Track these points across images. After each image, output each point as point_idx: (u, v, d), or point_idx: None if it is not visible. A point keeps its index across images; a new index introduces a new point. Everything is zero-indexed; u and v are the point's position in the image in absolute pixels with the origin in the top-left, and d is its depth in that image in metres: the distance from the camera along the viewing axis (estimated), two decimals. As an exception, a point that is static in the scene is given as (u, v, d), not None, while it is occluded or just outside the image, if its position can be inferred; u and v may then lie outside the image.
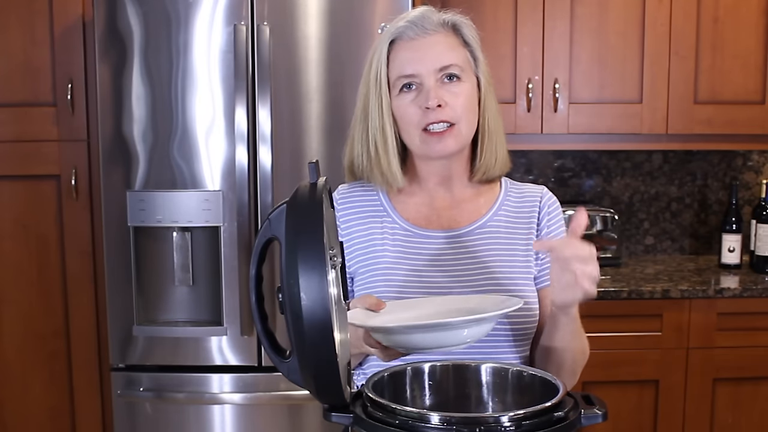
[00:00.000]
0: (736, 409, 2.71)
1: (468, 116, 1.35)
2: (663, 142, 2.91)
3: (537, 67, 2.82)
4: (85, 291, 2.66)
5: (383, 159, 1.38)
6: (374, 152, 1.38)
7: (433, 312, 1.23)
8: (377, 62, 1.36)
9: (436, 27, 1.35)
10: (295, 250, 0.91)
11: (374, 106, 1.37)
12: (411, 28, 1.35)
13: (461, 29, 1.38)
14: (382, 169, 1.38)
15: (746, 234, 3.03)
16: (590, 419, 0.96)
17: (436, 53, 1.33)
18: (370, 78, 1.37)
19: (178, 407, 2.47)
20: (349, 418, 0.97)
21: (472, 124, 1.37)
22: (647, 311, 2.64)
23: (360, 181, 1.46)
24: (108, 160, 2.41)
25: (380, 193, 1.44)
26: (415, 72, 1.33)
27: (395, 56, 1.36)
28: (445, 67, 1.33)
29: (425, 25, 1.35)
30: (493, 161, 1.41)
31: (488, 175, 1.43)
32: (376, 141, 1.38)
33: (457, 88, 1.34)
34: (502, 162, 1.43)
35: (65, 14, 2.56)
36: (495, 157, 1.41)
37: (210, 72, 2.37)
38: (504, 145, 1.43)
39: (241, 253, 2.39)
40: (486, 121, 1.40)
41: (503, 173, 1.46)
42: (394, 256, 1.38)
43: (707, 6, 2.80)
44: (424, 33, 1.34)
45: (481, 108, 1.39)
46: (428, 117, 1.32)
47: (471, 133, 1.38)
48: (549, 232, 1.44)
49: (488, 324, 1.14)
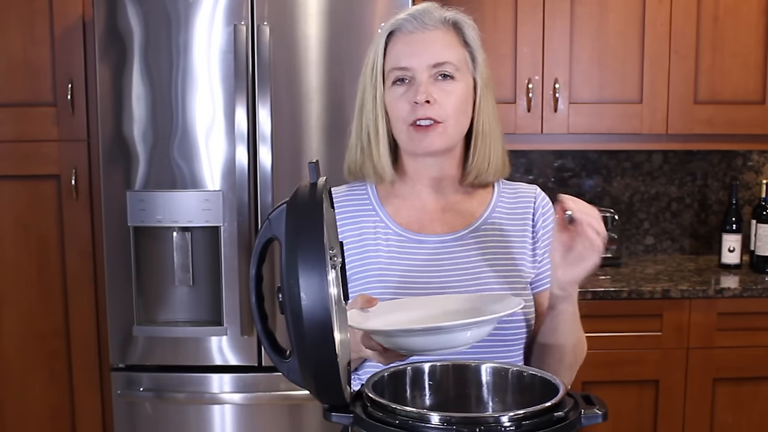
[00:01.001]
0: (736, 409, 2.71)
1: (458, 117, 1.33)
2: (663, 142, 2.91)
3: (537, 67, 2.82)
4: (85, 291, 2.66)
5: (374, 151, 1.37)
6: (366, 144, 1.38)
7: (434, 313, 1.23)
8: (374, 53, 1.36)
9: (436, 23, 1.34)
10: (295, 250, 0.91)
11: (369, 97, 1.36)
12: (410, 22, 1.34)
13: (462, 28, 1.36)
14: (373, 161, 1.37)
15: (746, 234, 3.03)
16: (590, 419, 0.96)
17: (432, 49, 1.32)
18: (367, 69, 1.37)
19: (178, 407, 2.47)
20: (349, 418, 0.97)
21: (462, 126, 1.35)
22: (647, 311, 2.64)
23: (350, 183, 1.45)
24: (108, 160, 2.41)
25: (372, 196, 1.42)
26: (408, 65, 1.32)
27: (392, 48, 1.35)
28: (440, 64, 1.32)
29: (425, 20, 1.34)
30: (485, 165, 1.39)
31: (480, 179, 1.41)
32: (369, 132, 1.37)
33: (450, 87, 1.32)
34: (497, 167, 1.40)
35: (65, 14, 2.56)
36: (488, 161, 1.39)
37: (210, 72, 2.37)
38: (500, 150, 1.41)
39: (241, 253, 2.39)
40: (480, 124, 1.37)
41: (498, 178, 1.44)
42: (388, 261, 1.36)
43: (707, 6, 2.80)
44: (423, 28, 1.33)
45: (476, 110, 1.37)
46: (416, 112, 1.31)
47: (459, 134, 1.36)
48: (545, 234, 1.43)
49: (491, 325, 1.14)
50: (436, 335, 1.09)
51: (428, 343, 1.10)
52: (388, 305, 1.25)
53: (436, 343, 1.10)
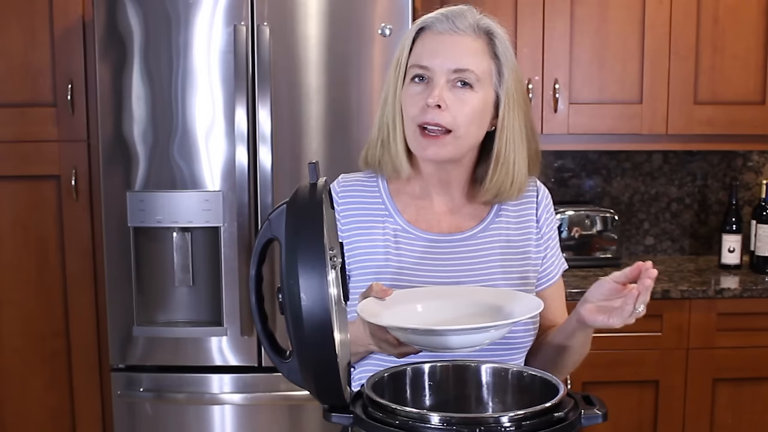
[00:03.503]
0: (736, 409, 2.71)
1: (468, 127, 1.30)
2: (663, 142, 2.91)
3: (537, 68, 2.82)
4: (85, 291, 2.66)
5: (392, 145, 1.35)
6: (386, 137, 1.36)
7: (450, 305, 1.23)
8: (401, 47, 1.34)
9: (468, 28, 1.30)
10: (295, 250, 0.91)
11: (391, 91, 1.34)
12: (442, 21, 1.31)
13: (495, 39, 1.32)
14: (391, 155, 1.35)
15: (746, 234, 3.03)
16: (590, 419, 0.96)
17: (456, 54, 1.29)
18: (394, 62, 1.35)
19: (178, 407, 2.47)
20: (349, 418, 0.97)
21: (472, 138, 1.32)
22: (647, 311, 2.63)
23: (362, 173, 1.44)
24: (108, 160, 2.41)
25: (382, 190, 1.41)
26: (429, 65, 1.29)
27: (419, 45, 1.32)
28: (461, 70, 1.28)
29: (457, 23, 1.30)
30: (508, 184, 1.35)
31: (501, 198, 1.37)
32: (388, 126, 1.35)
33: (466, 96, 1.29)
34: (521, 184, 1.37)
35: (65, 14, 2.56)
36: (512, 179, 1.35)
37: (210, 72, 2.37)
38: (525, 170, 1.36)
39: (241, 253, 2.39)
40: (503, 142, 1.33)
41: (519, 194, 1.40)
42: (396, 255, 1.36)
43: (707, 6, 2.80)
44: (454, 30, 1.30)
45: (500, 126, 1.33)
46: (425, 115, 1.28)
47: (468, 145, 1.33)
48: (548, 227, 1.43)
49: (511, 326, 1.15)
50: (458, 336, 1.09)
51: (454, 342, 1.10)
52: (406, 294, 1.25)
53: (461, 342, 1.10)
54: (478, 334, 1.09)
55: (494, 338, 1.12)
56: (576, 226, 2.94)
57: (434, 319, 1.20)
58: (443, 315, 1.21)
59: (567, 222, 2.93)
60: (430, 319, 1.20)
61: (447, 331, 1.09)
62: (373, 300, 1.20)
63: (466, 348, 1.12)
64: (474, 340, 1.11)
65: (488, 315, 1.19)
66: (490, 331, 1.10)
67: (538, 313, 1.16)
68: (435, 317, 1.21)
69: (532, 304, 1.18)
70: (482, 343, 1.12)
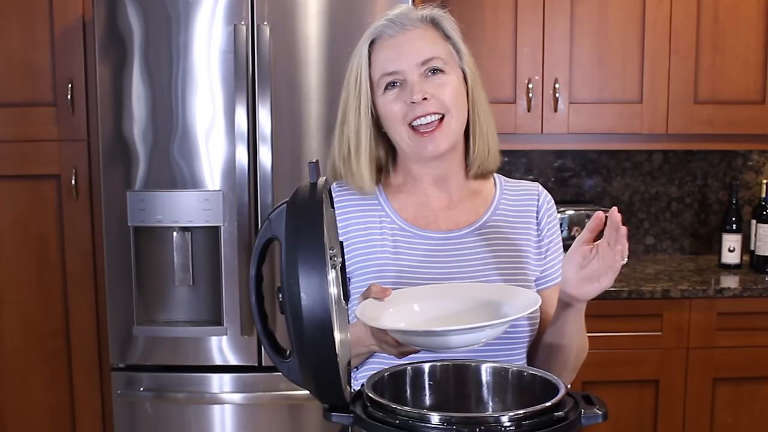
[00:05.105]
0: (736, 409, 2.71)
1: (458, 107, 1.33)
2: (663, 142, 2.91)
3: (537, 67, 2.82)
4: (85, 291, 2.66)
5: (354, 162, 1.36)
6: (347, 154, 1.37)
7: (449, 304, 1.23)
8: (357, 63, 1.36)
9: (415, 22, 1.35)
10: (295, 250, 0.91)
11: (352, 107, 1.36)
12: (390, 27, 1.34)
13: (441, 23, 1.37)
14: (352, 171, 1.37)
15: (746, 234, 3.03)
16: (590, 419, 0.96)
17: (416, 48, 1.32)
18: (351, 80, 1.37)
19: (178, 407, 2.47)
20: (349, 418, 0.97)
21: (462, 116, 1.36)
22: (647, 311, 2.64)
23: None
24: (108, 160, 2.41)
25: (378, 191, 1.42)
26: (397, 69, 1.32)
27: (377, 56, 1.35)
28: (428, 60, 1.32)
29: (404, 22, 1.34)
30: (486, 153, 1.40)
31: (483, 168, 1.42)
32: (350, 143, 1.37)
33: (442, 80, 1.32)
34: (495, 153, 1.42)
35: (65, 14, 2.56)
36: (488, 148, 1.40)
37: (210, 72, 2.37)
38: (496, 138, 1.42)
39: (241, 253, 2.39)
40: (476, 113, 1.38)
41: (497, 167, 1.45)
42: (394, 255, 1.36)
43: (707, 6, 2.80)
44: (404, 29, 1.34)
45: (470, 100, 1.37)
46: (414, 111, 1.31)
47: (461, 125, 1.36)
48: (549, 231, 1.43)
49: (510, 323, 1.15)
50: (456, 336, 1.09)
51: (453, 342, 1.10)
52: (404, 294, 1.25)
53: (455, 342, 1.10)
54: (476, 333, 1.10)
55: (492, 336, 1.12)
56: (576, 226, 2.94)
57: (432, 317, 1.21)
58: (441, 313, 1.22)
59: (567, 222, 2.93)
60: (428, 318, 1.20)
61: (444, 331, 1.09)
62: (372, 301, 1.20)
63: (465, 347, 1.12)
64: (472, 339, 1.11)
65: (486, 311, 1.20)
66: (487, 330, 1.10)
67: (537, 307, 1.16)
68: (433, 316, 1.21)
69: (530, 299, 1.18)
70: (480, 342, 1.12)
